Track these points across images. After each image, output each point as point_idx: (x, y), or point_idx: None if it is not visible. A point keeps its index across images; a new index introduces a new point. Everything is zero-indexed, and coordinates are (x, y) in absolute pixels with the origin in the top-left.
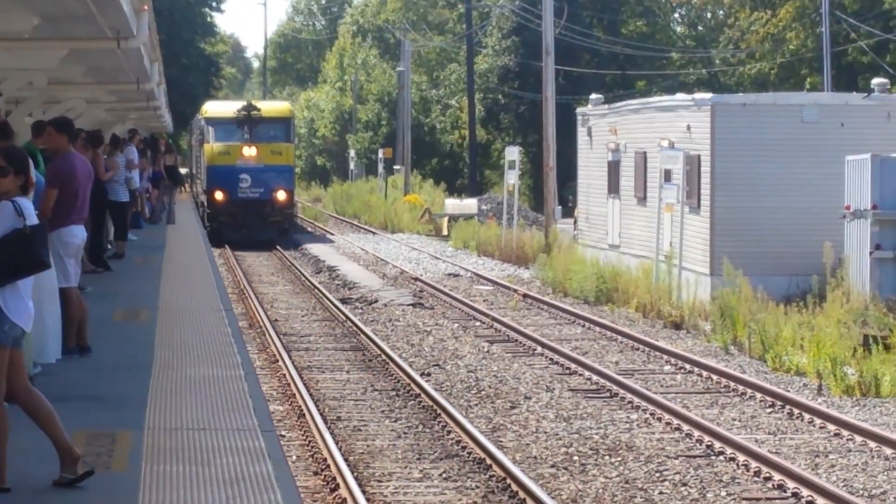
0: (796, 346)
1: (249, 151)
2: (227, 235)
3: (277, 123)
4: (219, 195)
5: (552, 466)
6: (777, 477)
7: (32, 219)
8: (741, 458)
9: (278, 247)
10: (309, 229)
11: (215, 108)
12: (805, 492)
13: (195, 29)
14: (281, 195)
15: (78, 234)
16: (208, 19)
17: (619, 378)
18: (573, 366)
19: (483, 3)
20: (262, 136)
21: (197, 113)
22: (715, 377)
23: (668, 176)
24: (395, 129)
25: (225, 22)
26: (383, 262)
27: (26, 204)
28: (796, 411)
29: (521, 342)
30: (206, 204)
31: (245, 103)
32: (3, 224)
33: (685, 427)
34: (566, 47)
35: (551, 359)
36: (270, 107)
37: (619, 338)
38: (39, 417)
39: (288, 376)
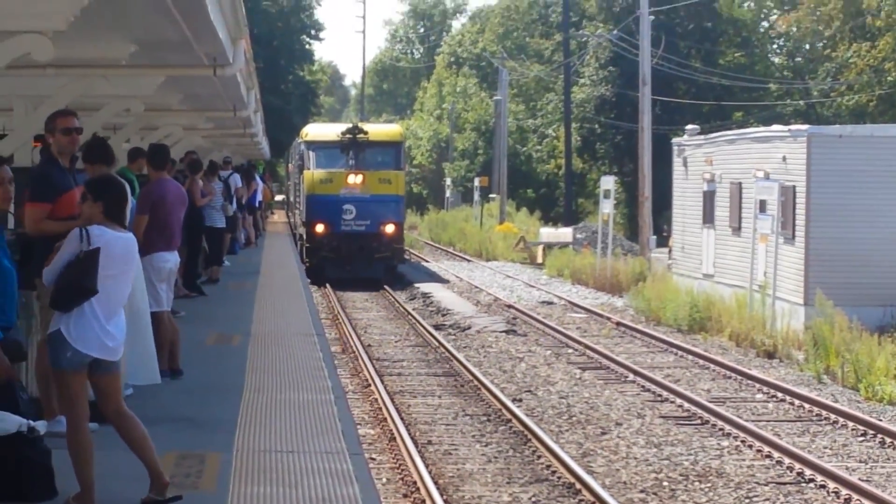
0: (890, 377)
1: (355, 179)
2: (329, 273)
3: (386, 148)
4: (320, 228)
5: (641, 492)
6: None
7: (99, 244)
8: (832, 485)
9: (386, 287)
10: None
11: (317, 130)
12: None
13: (294, 57)
14: (389, 228)
15: (169, 259)
16: (307, 47)
17: (711, 406)
18: (665, 393)
19: (581, 33)
20: (369, 162)
21: (297, 136)
22: (807, 406)
23: (762, 206)
24: (491, 158)
25: (323, 50)
26: (477, 289)
27: (98, 231)
28: (888, 440)
29: (613, 369)
30: (304, 237)
31: (350, 125)
32: (67, 250)
33: (776, 454)
34: (663, 77)
35: (643, 386)
36: (379, 129)
37: (712, 366)
38: (132, 441)
39: (380, 400)
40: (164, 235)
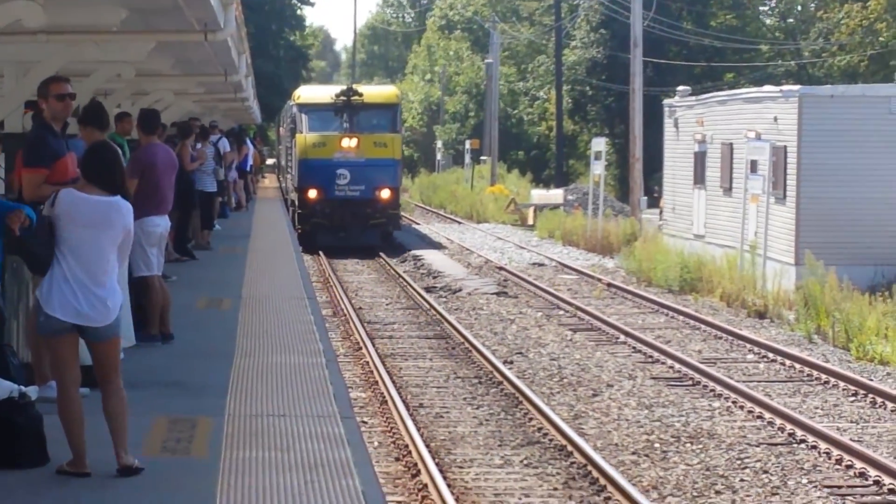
0: (881, 336)
1: (349, 143)
2: (322, 240)
3: (382, 110)
4: (312, 193)
5: (633, 453)
6: (859, 465)
7: (62, 207)
8: (823, 445)
9: (382, 254)
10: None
11: (310, 93)
12: (887, 479)
13: (284, 21)
14: (385, 193)
15: (160, 223)
16: (298, 12)
17: (702, 366)
18: (656, 354)
19: None
20: (363, 125)
21: (288, 99)
22: (798, 366)
23: (754, 167)
24: (482, 121)
25: (314, 14)
26: (468, 251)
27: (65, 194)
28: (879, 400)
29: (604, 331)
30: (296, 203)
31: (344, 87)
32: (43, 215)
33: (767, 415)
34: (654, 39)
35: (634, 347)
36: (374, 91)
37: (703, 327)
38: (107, 412)
39: (371, 363)
40: (154, 200)
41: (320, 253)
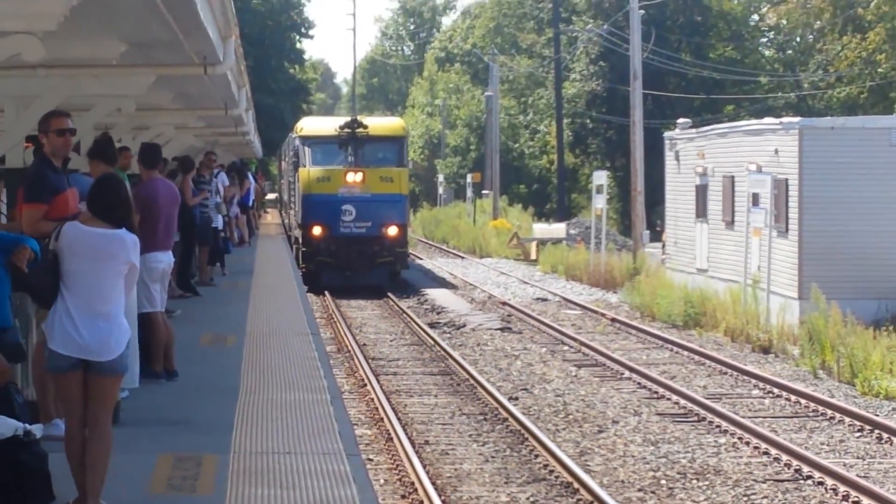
0: (885, 371)
1: (354, 177)
2: (328, 279)
3: (388, 143)
4: (317, 230)
5: (639, 490)
6: (866, 501)
7: (64, 240)
8: (829, 482)
9: (390, 294)
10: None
11: (313, 125)
12: None
13: (284, 55)
14: (392, 230)
15: (163, 259)
16: (297, 45)
17: (707, 402)
18: (661, 390)
19: (571, 28)
20: (369, 158)
21: (290, 132)
22: (803, 401)
23: (755, 200)
24: (483, 154)
25: (314, 48)
26: (471, 286)
27: (68, 228)
28: (885, 435)
29: (608, 366)
30: (300, 240)
31: (349, 119)
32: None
33: (773, 451)
34: (654, 72)
35: (639, 383)
36: (380, 123)
37: (707, 362)
38: (90, 455)
39: (376, 400)
40: (157, 235)
41: (325, 293)
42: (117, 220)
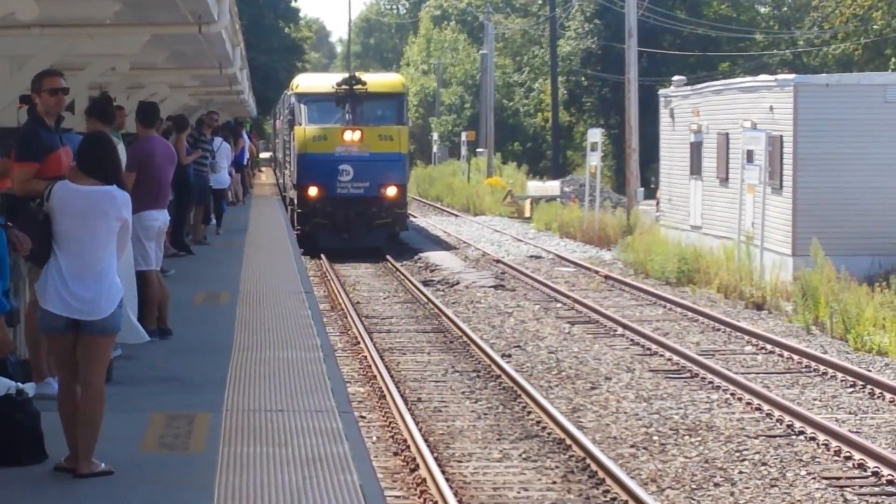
0: (878, 327)
1: (352, 136)
2: (324, 242)
3: (388, 101)
4: (313, 191)
5: (632, 446)
6: (857, 456)
7: (55, 199)
8: (821, 437)
9: (389, 257)
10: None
11: (309, 81)
12: (885, 471)
13: (279, 14)
14: (391, 191)
15: (158, 217)
16: (292, 4)
17: (700, 358)
18: (654, 346)
19: None
20: (368, 116)
21: (285, 90)
22: (796, 357)
23: (750, 157)
24: (478, 113)
25: (308, 6)
26: (465, 244)
27: (59, 187)
28: (878, 391)
29: (602, 323)
30: (296, 202)
31: (347, 76)
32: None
33: (766, 407)
34: (649, 29)
35: (632, 340)
36: (378, 80)
37: (700, 318)
38: (81, 415)
39: (369, 358)
40: (152, 193)
41: (322, 256)
42: (106, 176)
